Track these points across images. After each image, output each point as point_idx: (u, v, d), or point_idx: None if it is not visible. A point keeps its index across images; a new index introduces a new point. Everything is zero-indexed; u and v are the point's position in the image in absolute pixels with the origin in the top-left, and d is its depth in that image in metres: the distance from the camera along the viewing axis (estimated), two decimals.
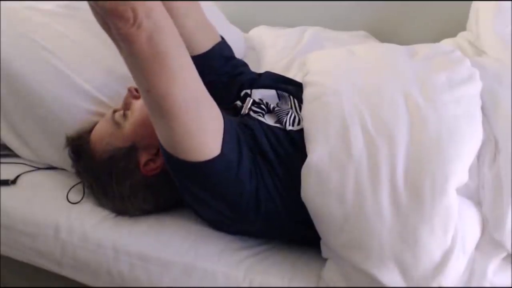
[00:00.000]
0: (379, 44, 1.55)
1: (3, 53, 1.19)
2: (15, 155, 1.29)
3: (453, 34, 1.51)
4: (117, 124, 1.06)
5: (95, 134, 1.09)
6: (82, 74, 1.23)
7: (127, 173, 1.05)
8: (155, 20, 0.78)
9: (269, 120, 1.06)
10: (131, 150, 1.04)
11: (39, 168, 1.25)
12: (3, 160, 1.27)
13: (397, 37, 1.59)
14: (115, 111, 1.08)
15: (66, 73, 1.22)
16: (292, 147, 0.98)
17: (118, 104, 1.19)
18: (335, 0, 1.75)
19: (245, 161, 0.94)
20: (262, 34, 1.69)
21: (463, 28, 1.50)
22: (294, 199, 0.95)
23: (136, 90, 1.08)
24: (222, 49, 1.20)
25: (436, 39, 1.49)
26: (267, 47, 1.62)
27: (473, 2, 1.44)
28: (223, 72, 1.19)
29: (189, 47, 1.08)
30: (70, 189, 1.15)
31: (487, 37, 1.31)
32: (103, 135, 1.07)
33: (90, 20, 1.31)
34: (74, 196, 1.14)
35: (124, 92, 1.26)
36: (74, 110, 1.20)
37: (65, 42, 1.27)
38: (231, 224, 1.03)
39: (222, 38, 1.22)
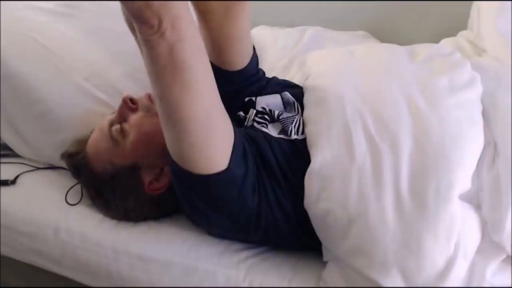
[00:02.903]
0: (378, 45, 1.55)
1: (3, 52, 1.20)
2: (15, 155, 1.29)
3: (453, 34, 1.51)
4: (115, 141, 1.02)
5: (92, 149, 1.06)
6: (82, 73, 1.24)
7: (131, 191, 1.04)
8: (179, 30, 0.76)
9: (273, 131, 1.04)
10: (133, 169, 1.03)
11: (38, 168, 1.25)
12: (3, 160, 1.27)
13: (397, 37, 1.58)
14: (111, 124, 1.04)
15: (66, 72, 1.22)
16: (296, 158, 0.97)
17: (117, 103, 1.19)
18: (335, 0, 1.75)
19: (250, 176, 0.93)
20: (262, 34, 1.69)
21: (463, 27, 1.49)
22: (296, 211, 0.95)
23: (131, 100, 1.04)
24: (253, 66, 1.15)
25: (436, 38, 1.48)
26: (267, 47, 1.61)
27: (474, 2, 1.44)
28: (242, 86, 1.14)
29: (230, 61, 1.07)
30: (68, 190, 1.15)
31: (489, 35, 1.31)
32: (101, 151, 1.04)
33: (90, 19, 1.34)
34: (73, 196, 1.14)
35: (124, 91, 1.26)
36: (74, 109, 1.21)
37: (65, 41, 1.27)
38: (230, 235, 1.03)
39: (254, 49, 1.16)
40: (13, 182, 1.20)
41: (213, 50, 1.00)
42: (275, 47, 1.62)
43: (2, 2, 1.26)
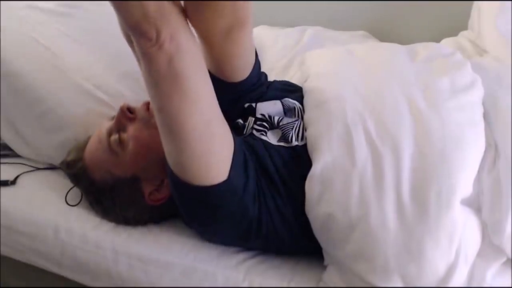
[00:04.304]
0: (378, 44, 1.54)
1: (3, 52, 1.20)
2: (15, 155, 1.29)
3: (453, 34, 1.51)
4: (114, 152, 1.01)
5: (90, 158, 1.04)
6: (82, 73, 1.24)
7: (131, 201, 1.04)
8: (178, 42, 0.76)
9: (272, 138, 1.02)
10: (134, 181, 1.02)
11: (38, 169, 1.25)
12: (3, 160, 1.27)
13: (397, 37, 1.58)
14: (109, 134, 1.02)
15: (66, 71, 1.22)
16: (297, 164, 0.96)
17: (117, 103, 1.19)
18: (335, 0, 1.74)
19: (250, 186, 0.92)
20: (262, 34, 1.69)
21: (463, 27, 1.49)
22: (297, 218, 0.95)
23: (129, 110, 1.03)
24: (254, 74, 1.10)
25: (436, 38, 1.48)
26: (267, 47, 1.61)
27: (475, 2, 1.44)
28: (243, 94, 1.11)
29: (230, 74, 1.04)
30: (68, 191, 1.15)
31: (490, 35, 1.30)
32: (99, 161, 1.03)
33: (90, 19, 1.34)
34: (73, 197, 1.14)
35: (124, 91, 1.26)
36: (74, 109, 1.21)
37: (65, 40, 1.27)
38: (229, 242, 1.02)
39: (256, 54, 1.11)
40: (13, 182, 1.20)
41: (212, 63, 0.99)
42: (275, 47, 1.62)
43: (2, 2, 1.26)
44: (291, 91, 1.14)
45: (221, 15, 0.85)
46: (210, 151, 0.86)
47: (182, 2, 0.82)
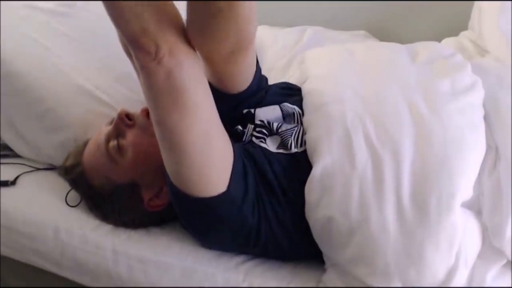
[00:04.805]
0: (378, 44, 1.53)
1: (3, 52, 1.20)
2: (15, 155, 1.29)
3: (453, 34, 1.50)
4: (112, 158, 1.01)
5: (89, 163, 1.04)
6: (82, 73, 1.24)
7: (130, 207, 1.04)
8: (177, 56, 0.76)
9: (271, 145, 1.01)
10: (133, 187, 1.02)
11: (38, 169, 1.25)
12: (3, 160, 1.27)
13: (397, 37, 1.58)
14: (108, 140, 1.02)
15: (66, 72, 1.22)
16: (296, 171, 0.96)
17: (117, 103, 1.19)
18: (335, 0, 1.74)
19: (250, 196, 0.92)
20: (261, 34, 1.67)
21: (463, 27, 1.49)
22: (296, 226, 0.94)
23: (128, 116, 1.02)
24: (254, 83, 1.07)
25: (437, 38, 1.47)
26: (266, 47, 1.61)
27: (475, 2, 1.44)
28: (242, 101, 1.08)
29: (231, 87, 1.02)
30: (68, 192, 1.15)
31: (491, 35, 1.30)
32: (98, 167, 1.03)
33: (90, 19, 1.33)
34: (73, 198, 1.14)
35: (124, 91, 1.26)
36: (74, 109, 1.21)
37: (65, 41, 1.27)
38: (228, 249, 1.02)
39: (257, 61, 1.07)
40: (13, 182, 1.20)
41: (213, 77, 0.98)
42: (275, 47, 1.61)
43: (2, 2, 1.26)
44: (290, 95, 1.13)
45: (224, 39, 0.83)
46: (210, 163, 0.86)
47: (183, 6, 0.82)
